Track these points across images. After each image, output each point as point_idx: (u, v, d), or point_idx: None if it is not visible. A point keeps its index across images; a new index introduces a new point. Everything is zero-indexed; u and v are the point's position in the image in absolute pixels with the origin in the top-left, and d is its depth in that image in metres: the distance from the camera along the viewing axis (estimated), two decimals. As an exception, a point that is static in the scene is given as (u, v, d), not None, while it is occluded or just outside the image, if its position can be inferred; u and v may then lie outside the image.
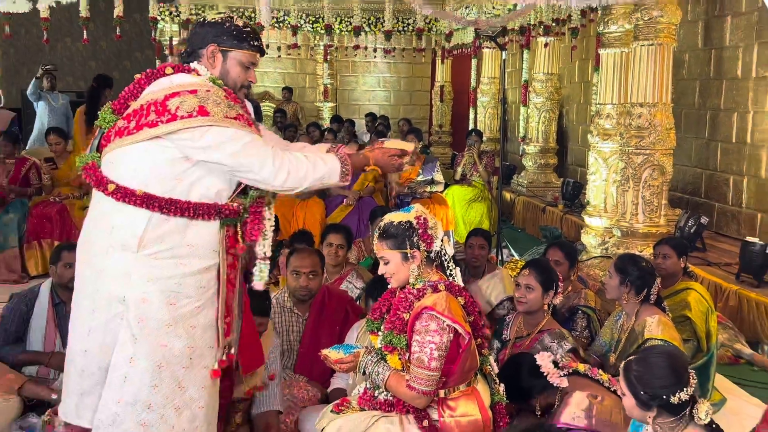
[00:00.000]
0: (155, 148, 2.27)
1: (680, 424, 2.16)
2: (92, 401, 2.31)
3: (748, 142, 6.50)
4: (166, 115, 2.24)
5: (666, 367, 2.19)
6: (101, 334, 2.29)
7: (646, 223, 5.41)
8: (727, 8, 6.77)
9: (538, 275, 3.39)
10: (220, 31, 2.41)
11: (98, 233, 2.34)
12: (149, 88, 2.38)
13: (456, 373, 2.47)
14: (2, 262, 5.95)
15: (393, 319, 2.52)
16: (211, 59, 2.41)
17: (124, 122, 2.34)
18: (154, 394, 2.27)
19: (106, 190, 2.30)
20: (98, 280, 2.31)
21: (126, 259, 2.27)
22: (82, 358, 2.33)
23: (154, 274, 2.27)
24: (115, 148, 2.33)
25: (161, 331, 2.28)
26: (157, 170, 2.28)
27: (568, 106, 9.98)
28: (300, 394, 3.28)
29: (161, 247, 2.28)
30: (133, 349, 2.26)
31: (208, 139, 2.25)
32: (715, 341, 3.90)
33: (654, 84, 5.27)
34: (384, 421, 2.48)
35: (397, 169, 2.70)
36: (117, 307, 2.27)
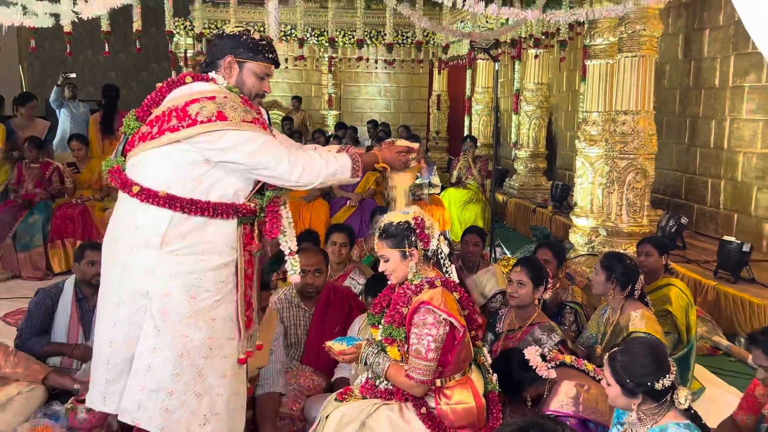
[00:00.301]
0: (177, 152, 2.28)
1: (662, 409, 2.16)
2: (118, 389, 2.32)
3: (725, 148, 6.50)
4: (186, 120, 2.25)
5: (649, 356, 2.19)
6: (126, 327, 2.30)
7: (629, 223, 5.40)
8: (706, 22, 6.77)
9: (529, 272, 3.38)
10: (237, 43, 2.42)
11: (123, 232, 2.34)
12: (170, 95, 2.38)
13: (451, 364, 2.47)
14: (28, 260, 5.95)
15: (392, 313, 2.51)
16: (228, 69, 2.41)
17: (147, 128, 2.34)
18: (176, 382, 2.27)
19: (131, 192, 2.30)
20: (123, 276, 2.31)
21: (149, 256, 2.27)
22: (108, 348, 2.33)
23: (176, 270, 2.27)
24: (139, 152, 2.33)
25: (182, 323, 2.28)
26: (178, 172, 2.28)
27: (556, 113, 9.97)
28: (306, 384, 3.28)
29: (183, 245, 2.28)
30: (156, 340, 2.27)
31: (226, 142, 2.26)
32: (694, 334, 3.90)
33: (637, 93, 5.27)
34: (384, 408, 2.48)
35: (404, 164, 2.67)
36: (141, 301, 2.28)
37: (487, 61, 10.33)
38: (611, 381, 2.21)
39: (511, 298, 3.43)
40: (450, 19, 6.33)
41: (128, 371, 2.30)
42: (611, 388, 2.22)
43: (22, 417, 3.02)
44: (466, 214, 7.37)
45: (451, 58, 10.36)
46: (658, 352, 2.25)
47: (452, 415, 2.46)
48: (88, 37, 10.64)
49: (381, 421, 2.43)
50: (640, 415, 2.18)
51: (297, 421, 3.10)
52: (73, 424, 2.92)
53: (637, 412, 2.17)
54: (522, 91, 9.23)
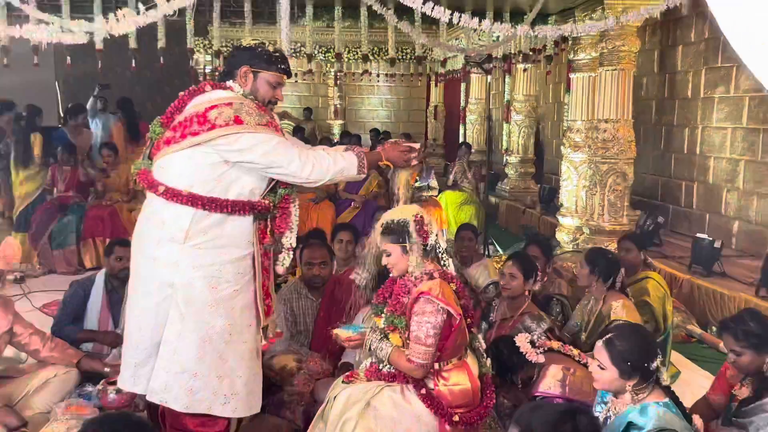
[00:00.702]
0: (198, 154, 2.29)
1: (649, 386, 2.16)
2: (146, 371, 2.33)
3: (698, 153, 6.51)
4: (207, 124, 2.26)
5: (643, 340, 2.19)
6: (153, 314, 2.31)
7: (611, 222, 5.41)
8: (679, 39, 6.77)
9: (520, 265, 3.38)
10: (253, 54, 2.43)
11: (150, 228, 2.35)
12: (191, 102, 2.40)
13: (449, 349, 2.47)
14: (62, 257, 5.98)
15: (394, 302, 2.52)
16: (243, 78, 2.42)
17: (171, 133, 2.36)
18: (200, 365, 2.29)
19: (157, 191, 2.31)
20: (151, 268, 2.33)
21: (174, 249, 2.29)
22: (138, 334, 2.35)
23: (198, 262, 2.29)
24: (164, 155, 2.35)
25: (205, 311, 2.29)
26: (200, 173, 2.29)
27: (544, 122, 9.97)
28: (315, 368, 3.28)
29: (204, 239, 2.29)
30: (181, 326, 2.28)
31: (242, 143, 2.27)
32: (670, 322, 3.90)
33: (617, 103, 5.28)
34: (388, 390, 2.48)
35: (407, 162, 2.66)
36: (167, 291, 2.29)
37: (480, 75, 10.33)
38: (607, 365, 2.16)
39: (503, 289, 3.43)
40: (446, 36, 6.33)
41: (155, 355, 2.31)
42: (606, 372, 2.17)
43: (58, 397, 3.03)
44: (462, 215, 7.37)
45: (447, 72, 10.34)
46: (648, 335, 2.27)
47: (450, 396, 2.46)
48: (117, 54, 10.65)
49: (384, 401, 2.44)
50: (632, 394, 2.16)
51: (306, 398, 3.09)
52: (103, 404, 2.94)
53: (631, 391, 2.15)
54: (512, 102, 9.22)
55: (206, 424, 2.35)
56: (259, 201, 2.38)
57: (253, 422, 2.83)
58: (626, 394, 2.17)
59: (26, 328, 3.11)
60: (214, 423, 2.36)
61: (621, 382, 2.16)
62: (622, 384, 2.17)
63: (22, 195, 6.22)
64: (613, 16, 4.87)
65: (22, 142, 6.16)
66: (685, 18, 6.61)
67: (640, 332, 2.25)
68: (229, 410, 2.35)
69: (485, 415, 2.56)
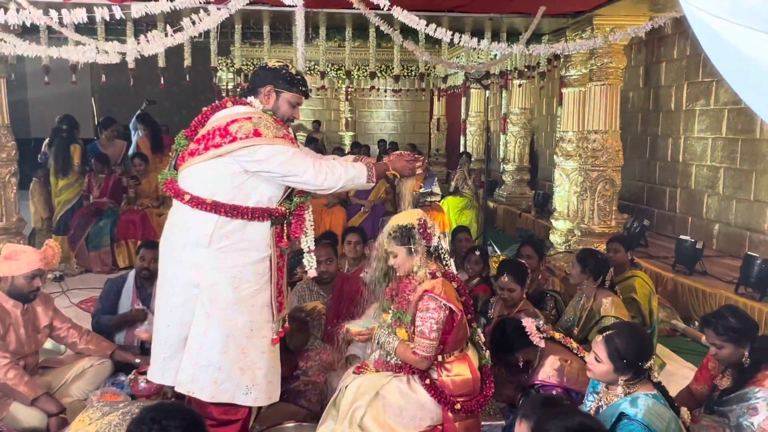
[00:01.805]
0: (221, 165, 2.29)
1: (639, 381, 2.14)
2: (174, 365, 2.34)
3: (681, 161, 6.47)
4: (228, 137, 2.26)
5: (641, 341, 2.17)
6: (180, 312, 2.32)
7: (600, 225, 5.38)
8: (663, 56, 6.74)
9: (515, 277, 3.34)
10: (278, 75, 2.43)
11: (177, 233, 2.36)
12: (213, 117, 2.40)
13: (451, 342, 2.47)
14: (98, 258, 6.01)
15: (401, 300, 2.52)
16: (266, 96, 2.43)
17: (195, 145, 2.36)
18: (224, 359, 2.29)
19: (183, 200, 2.32)
20: (177, 270, 2.33)
21: (199, 253, 2.29)
22: (166, 330, 2.36)
23: (222, 264, 2.29)
24: (188, 166, 2.35)
25: (228, 309, 2.29)
26: (222, 182, 2.29)
27: (537, 133, 9.95)
28: (328, 359, 3.28)
29: (226, 243, 2.29)
30: (206, 324, 2.29)
31: (261, 154, 2.27)
32: (656, 318, 3.87)
33: (605, 115, 5.25)
34: (395, 380, 2.48)
35: (412, 171, 2.64)
36: (193, 291, 2.30)
37: (479, 90, 10.32)
38: (604, 358, 2.14)
39: (504, 301, 3.40)
40: (448, 54, 6.33)
41: (182, 350, 2.32)
42: (601, 365, 2.15)
43: (93, 385, 3.04)
44: (463, 219, 7.35)
45: (448, 88, 10.35)
46: (647, 337, 2.25)
47: (452, 385, 2.45)
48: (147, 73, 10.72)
49: (392, 391, 2.44)
50: (625, 387, 2.14)
51: (320, 386, 3.09)
52: (135, 392, 2.95)
53: (623, 385, 2.13)
54: (509, 115, 9.21)
55: (229, 412, 2.35)
56: (276, 208, 2.39)
57: (272, 409, 2.83)
58: (618, 387, 2.15)
59: (65, 323, 3.12)
60: (237, 411, 2.37)
61: (614, 375, 2.14)
62: (615, 378, 2.15)
63: (61, 201, 6.25)
64: (601, 36, 4.86)
65: (62, 152, 6.18)
66: (669, 36, 6.58)
67: (639, 333, 2.22)
68: (250, 399, 2.35)
69: (485, 403, 2.54)
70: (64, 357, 3.30)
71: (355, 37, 6.03)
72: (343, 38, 6.01)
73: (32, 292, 2.88)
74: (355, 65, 8.90)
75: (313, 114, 13.33)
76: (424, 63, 5.91)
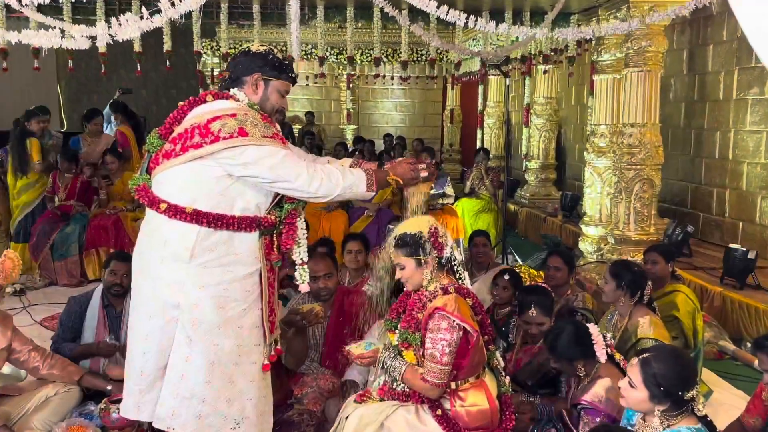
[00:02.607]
0: (200, 168, 2.27)
1: (681, 414, 2.12)
2: (151, 397, 2.31)
3: (730, 158, 6.44)
4: (209, 136, 2.24)
5: (682, 366, 2.15)
6: (158, 337, 2.29)
7: (637, 231, 5.36)
8: (710, 38, 6.72)
9: (544, 310, 3.31)
10: (265, 61, 2.41)
11: (153, 246, 2.33)
12: (191, 113, 2.38)
13: (465, 367, 2.46)
14: (64, 268, 6.01)
15: (408, 318, 2.51)
16: (254, 86, 2.41)
17: (170, 145, 2.33)
18: (208, 389, 2.26)
19: (158, 208, 2.29)
20: (154, 289, 2.31)
21: (179, 268, 2.26)
22: (141, 359, 2.33)
23: (205, 281, 2.27)
24: (163, 170, 2.32)
25: (213, 332, 2.27)
26: (203, 187, 2.27)
27: (565, 126, 9.93)
28: (326, 386, 3.27)
29: (210, 257, 2.27)
30: (188, 350, 2.26)
31: (247, 157, 2.25)
32: (701, 338, 3.85)
33: (643, 106, 5.24)
34: (402, 410, 2.48)
35: (415, 177, 2.61)
36: (172, 312, 2.27)
37: (498, 77, 10.33)
38: (639, 385, 2.14)
39: (533, 336, 3.36)
40: (462, 36, 6.34)
41: (161, 380, 2.30)
42: (636, 391, 2.15)
43: (58, 416, 3.04)
44: (479, 223, 7.34)
45: (463, 74, 10.35)
46: (690, 363, 2.22)
47: (467, 417, 2.45)
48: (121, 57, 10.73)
49: (399, 422, 2.43)
50: (662, 418, 2.13)
51: (317, 417, 3.08)
52: (106, 423, 2.95)
53: (660, 416, 2.12)
54: (532, 105, 9.21)
55: None
56: (265, 217, 2.37)
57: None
58: (654, 418, 2.13)
59: (25, 345, 3.12)
60: None
61: (650, 404, 2.13)
62: (651, 407, 2.13)
63: (20, 204, 6.24)
64: (638, 16, 4.84)
65: (17, 148, 6.18)
66: (716, 16, 6.55)
67: (681, 358, 2.20)
68: None
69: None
70: (24, 384, 3.29)
71: (358, 18, 6.04)
72: (343, 19, 6.02)
73: (-12, 309, 2.88)
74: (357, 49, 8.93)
75: (311, 104, 13.37)
76: (435, 47, 5.91)
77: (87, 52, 4.19)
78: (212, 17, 6.18)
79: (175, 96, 14.86)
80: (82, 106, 11.77)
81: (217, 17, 6.08)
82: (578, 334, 2.78)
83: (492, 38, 7.35)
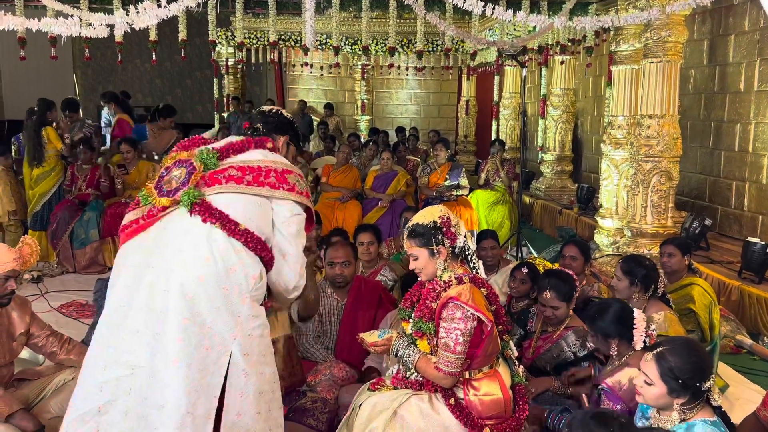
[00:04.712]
0: (265, 204, 2.28)
1: (697, 406, 2.13)
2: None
3: (750, 151, 6.37)
4: (286, 185, 2.30)
5: (698, 357, 2.14)
6: (205, 378, 2.10)
7: (654, 224, 5.33)
8: (731, 28, 6.64)
9: (560, 294, 3.30)
10: (293, 129, 2.62)
11: (218, 272, 2.15)
12: (258, 153, 2.38)
13: (479, 357, 2.48)
14: (87, 255, 6.11)
15: (422, 307, 2.53)
16: (283, 147, 2.54)
17: (237, 172, 2.28)
18: (258, 421, 2.19)
19: (236, 229, 2.19)
20: (214, 319, 2.13)
21: (240, 301, 2.17)
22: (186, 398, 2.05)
23: (255, 312, 2.21)
24: (222, 192, 2.25)
25: (260, 361, 2.21)
26: (264, 223, 2.26)
27: (582, 117, 9.87)
28: (340, 374, 3.31)
29: (260, 287, 2.24)
30: (244, 383, 2.15)
31: (293, 226, 2.32)
32: (718, 332, 3.84)
33: (662, 97, 5.19)
34: (415, 398, 2.50)
35: None
36: (227, 346, 2.13)
37: (514, 68, 10.28)
38: (656, 380, 2.13)
39: (547, 318, 3.38)
40: (479, 26, 6.30)
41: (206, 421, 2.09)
42: (653, 388, 2.14)
43: (75, 401, 3.08)
44: (494, 215, 7.34)
45: (479, 65, 10.33)
46: (704, 352, 2.21)
47: (480, 406, 2.46)
48: (137, 47, 10.85)
49: (412, 411, 2.45)
50: (680, 412, 2.12)
51: (331, 405, 3.12)
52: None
53: (679, 410, 2.12)
54: (548, 96, 9.16)
55: None
56: None
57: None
58: (673, 412, 2.12)
59: (43, 330, 3.17)
60: None
61: (668, 399, 2.12)
62: (670, 401, 2.13)
63: (37, 194, 6.35)
64: (658, 5, 4.79)
65: (33, 138, 6.26)
66: (738, 5, 6.48)
67: (695, 349, 2.19)
68: None
69: (518, 428, 2.55)
70: (42, 368, 3.33)
71: (373, 7, 6.04)
72: (359, 8, 6.02)
73: (6, 296, 2.91)
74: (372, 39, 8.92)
75: (325, 95, 13.38)
76: (450, 37, 5.89)
77: (102, 41, 4.23)
78: (228, 6, 6.20)
79: (190, 86, 14.97)
80: (97, 96, 11.89)
81: (233, 6, 6.10)
82: (622, 314, 2.79)
83: (508, 28, 7.32)
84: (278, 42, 8.35)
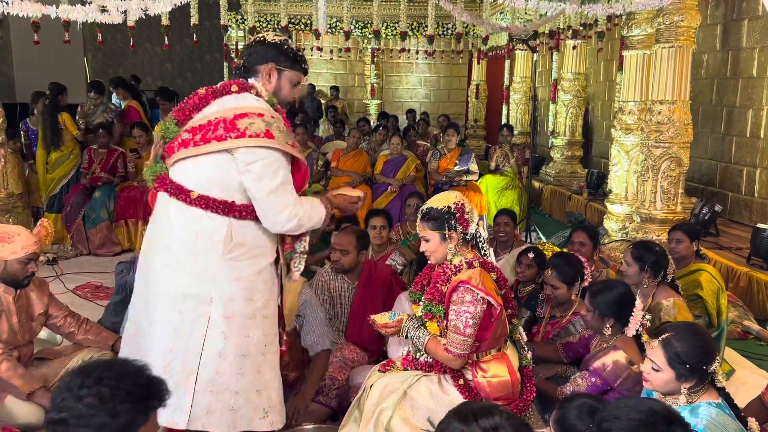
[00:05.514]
0: (225, 161, 2.24)
1: (702, 388, 2.15)
2: (178, 398, 2.21)
3: (762, 137, 6.35)
4: (235, 132, 2.21)
5: (703, 341, 2.16)
6: (188, 335, 2.25)
7: (663, 210, 5.34)
8: (744, 12, 6.59)
9: (560, 275, 3.36)
10: (279, 52, 2.41)
11: (182, 239, 2.27)
12: (215, 104, 2.34)
13: (488, 339, 2.52)
14: (101, 235, 6.18)
15: (432, 290, 2.58)
16: (268, 76, 2.41)
17: (188, 135, 2.28)
18: (241, 381, 2.28)
19: (188, 199, 2.25)
20: (184, 285, 2.26)
21: (212, 262, 2.25)
22: (167, 356, 2.24)
23: (237, 275, 2.27)
24: (182, 158, 2.29)
25: (245, 324, 2.28)
26: (229, 181, 2.26)
27: (593, 103, 9.84)
28: (351, 356, 3.37)
29: (242, 251, 2.28)
30: (223, 344, 2.26)
31: (256, 168, 2.23)
32: (725, 318, 3.86)
33: (673, 83, 5.18)
34: (425, 380, 2.55)
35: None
36: (204, 308, 2.25)
37: (525, 52, 10.23)
38: (663, 366, 2.13)
39: (548, 298, 3.44)
40: (490, 10, 6.29)
41: (187, 380, 2.24)
42: (661, 374, 2.14)
43: (93, 380, 3.16)
44: (503, 201, 7.36)
45: (490, 49, 10.30)
46: (707, 335, 2.24)
47: (488, 388, 2.51)
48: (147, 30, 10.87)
49: (421, 391, 2.50)
50: (686, 395, 2.14)
51: (341, 383, 3.19)
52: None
53: (687, 393, 2.14)
54: (559, 81, 9.13)
55: None
56: None
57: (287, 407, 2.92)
58: (681, 396, 2.15)
59: (61, 310, 3.25)
60: None
61: (676, 384, 2.14)
62: (678, 386, 2.14)
63: (55, 177, 6.45)
64: (670, -10, 4.77)
65: (50, 122, 6.33)
66: (751, -10, 6.43)
67: (699, 332, 2.21)
68: (267, 423, 2.36)
69: (525, 409, 2.60)
70: (60, 348, 3.42)
71: (384, -9, 6.03)
72: (370, -8, 6.03)
73: (27, 278, 2.99)
74: (383, 23, 8.91)
75: (335, 79, 13.36)
76: (461, 21, 5.89)
77: (113, 25, 4.26)
78: (239, -10, 6.22)
79: (200, 69, 14.99)
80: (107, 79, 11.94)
81: (244, -10, 6.13)
82: (623, 297, 2.87)
83: (520, 12, 7.30)
84: (289, 26, 8.36)
